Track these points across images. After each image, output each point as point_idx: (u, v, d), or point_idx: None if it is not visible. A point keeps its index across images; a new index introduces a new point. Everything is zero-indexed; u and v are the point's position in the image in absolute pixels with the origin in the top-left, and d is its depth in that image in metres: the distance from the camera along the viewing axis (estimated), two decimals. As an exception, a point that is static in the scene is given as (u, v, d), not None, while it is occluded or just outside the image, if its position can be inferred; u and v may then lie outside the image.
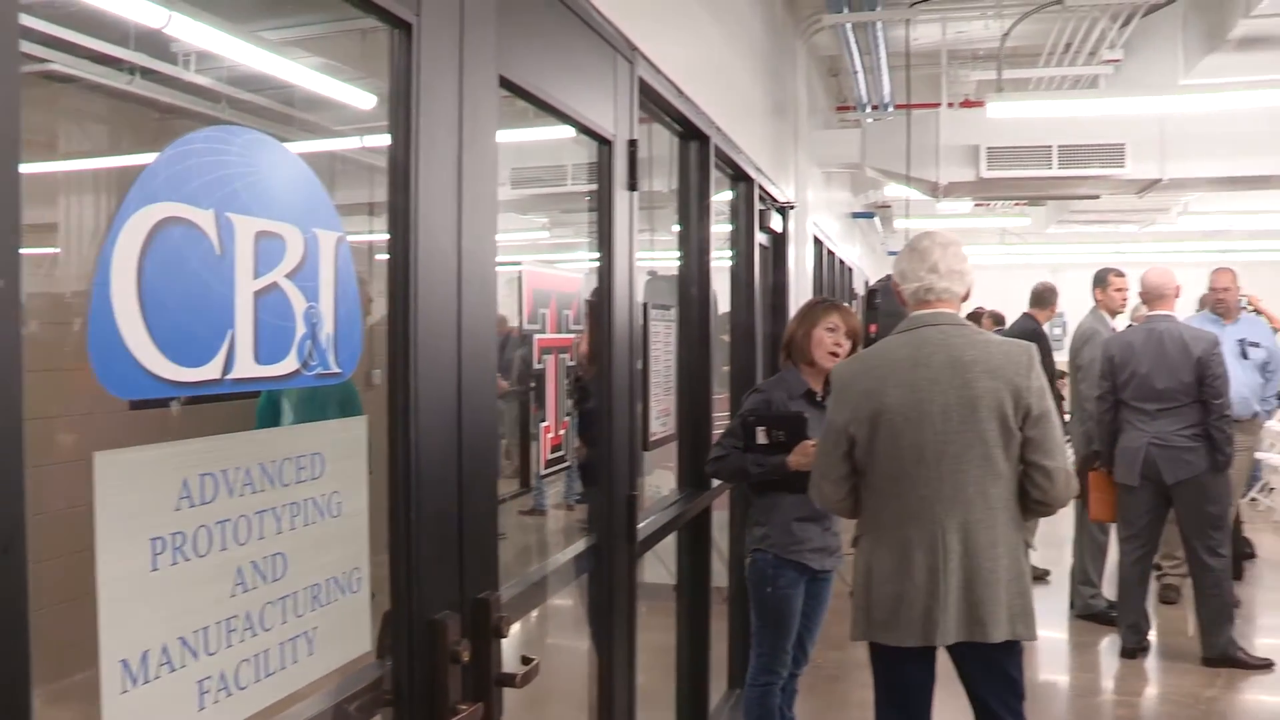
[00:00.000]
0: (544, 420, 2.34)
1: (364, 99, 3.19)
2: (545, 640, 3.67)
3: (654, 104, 3.35)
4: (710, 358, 4.00)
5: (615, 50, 2.76)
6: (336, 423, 1.60)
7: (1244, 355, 6.83)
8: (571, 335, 2.49)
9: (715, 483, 4.06)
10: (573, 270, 2.78)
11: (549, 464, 2.38)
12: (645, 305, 3.17)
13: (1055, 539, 7.40)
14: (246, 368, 1.32)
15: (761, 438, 3.67)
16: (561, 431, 2.44)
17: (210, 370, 1.26)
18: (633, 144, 2.83)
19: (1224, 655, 5.54)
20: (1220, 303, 6.76)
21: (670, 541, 3.86)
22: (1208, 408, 5.46)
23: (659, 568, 4.09)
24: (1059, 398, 6.96)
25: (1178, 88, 7.02)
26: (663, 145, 3.93)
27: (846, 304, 8.59)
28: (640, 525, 3.05)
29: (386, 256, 1.65)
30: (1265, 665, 5.56)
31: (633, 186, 2.83)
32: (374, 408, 1.67)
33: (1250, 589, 7.20)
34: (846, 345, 3.81)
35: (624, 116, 2.80)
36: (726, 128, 4.25)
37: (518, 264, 2.29)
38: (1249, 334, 6.83)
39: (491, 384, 1.92)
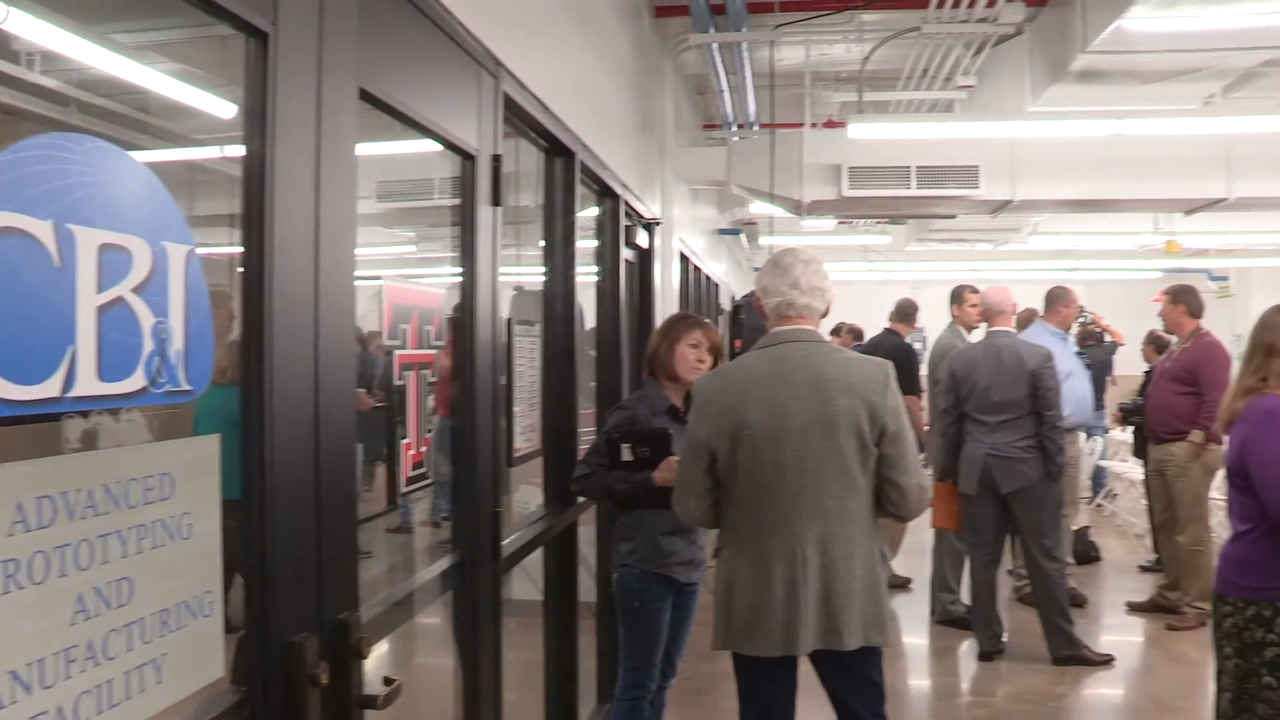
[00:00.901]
0: (405, 437, 2.31)
1: (224, 107, 3.10)
2: (413, 659, 3.61)
3: (519, 119, 3.35)
4: (575, 373, 4.00)
5: (480, 65, 2.75)
6: (186, 441, 1.55)
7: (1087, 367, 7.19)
8: (433, 351, 2.47)
9: (581, 498, 4.07)
10: (439, 285, 2.75)
11: (411, 481, 2.35)
12: (509, 320, 3.16)
13: (917, 548, 7.62)
14: (89, 385, 1.27)
15: (626, 454, 3.69)
16: (423, 448, 2.41)
17: (48, 388, 1.21)
18: (496, 159, 2.82)
19: (1068, 654, 5.79)
20: (1065, 318, 7.07)
21: (538, 557, 3.85)
22: (1040, 419, 5.72)
23: (528, 584, 4.07)
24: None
25: (1026, 114, 7.33)
26: (531, 160, 3.93)
27: (710, 320, 8.71)
28: (505, 541, 3.04)
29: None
30: (1107, 661, 5.83)
31: (496, 202, 2.82)
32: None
33: (1094, 590, 7.54)
34: (709, 360, 3.86)
35: (488, 131, 2.79)
36: (593, 144, 4.27)
37: (378, 278, 2.26)
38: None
39: (350, 400, 1.89)
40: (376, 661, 2.35)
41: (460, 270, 2.71)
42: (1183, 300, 6.72)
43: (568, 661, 4.06)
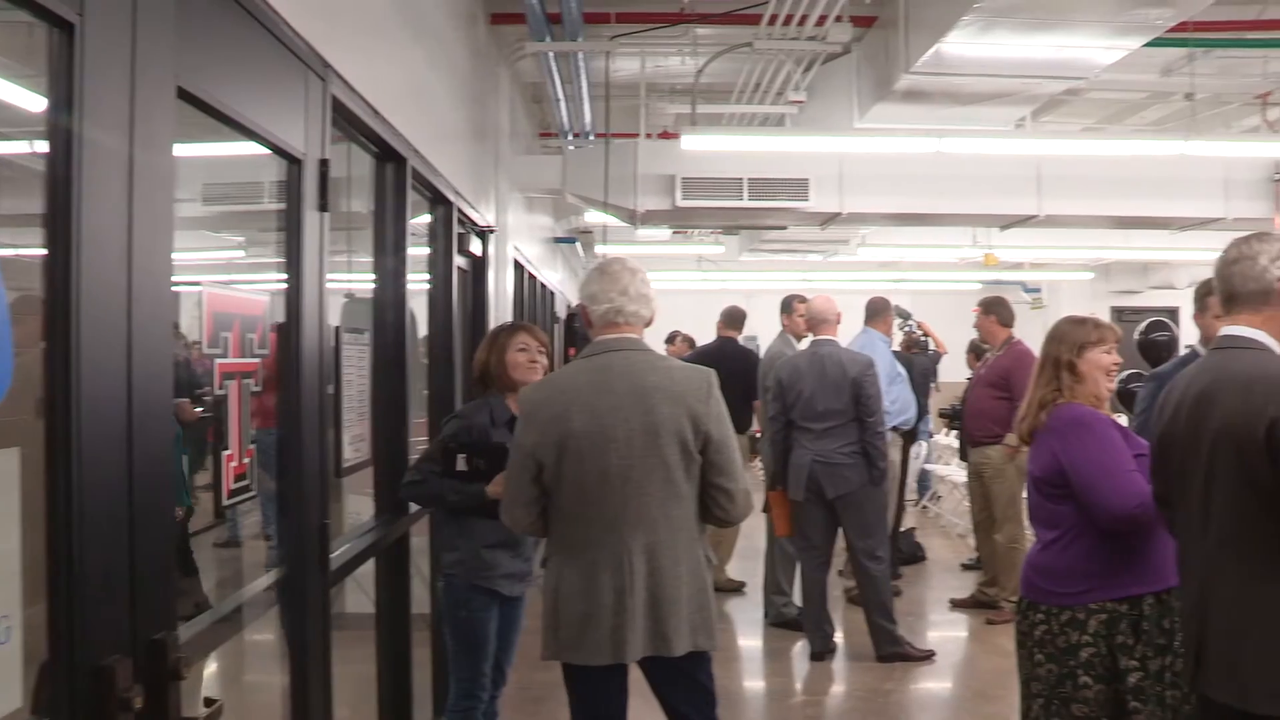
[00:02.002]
0: (227, 448, 2.23)
1: (33, 100, 2.94)
2: (241, 677, 3.48)
3: (349, 124, 3.28)
4: (407, 382, 3.94)
5: (307, 67, 2.68)
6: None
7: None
8: (257, 359, 2.39)
9: (414, 507, 4.00)
10: (266, 291, 2.67)
11: (233, 493, 2.27)
12: (338, 328, 3.09)
13: (750, 552, 7.76)
14: None
15: (462, 465, 3.65)
16: (246, 459, 2.33)
17: None
18: (324, 164, 2.75)
19: (892, 651, 6.00)
20: (890, 326, 7.33)
21: (371, 568, 3.77)
22: (863, 425, 5.92)
23: (362, 596, 3.99)
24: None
25: (853, 130, 7.57)
26: (363, 166, 3.85)
27: (545, 328, 8.68)
28: (334, 553, 2.96)
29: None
30: (929, 656, 6.07)
31: (324, 207, 2.75)
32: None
33: (920, 589, 7.84)
34: (543, 359, 3.86)
35: (315, 135, 2.72)
36: (425, 150, 4.22)
37: (198, 284, 2.18)
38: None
39: (166, 410, 1.81)
40: (206, 680, 2.26)
41: (286, 277, 2.64)
42: (994, 311, 7.07)
43: (401, 674, 3.98)
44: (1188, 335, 14.13)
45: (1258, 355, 2.53)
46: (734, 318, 7.88)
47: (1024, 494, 6.88)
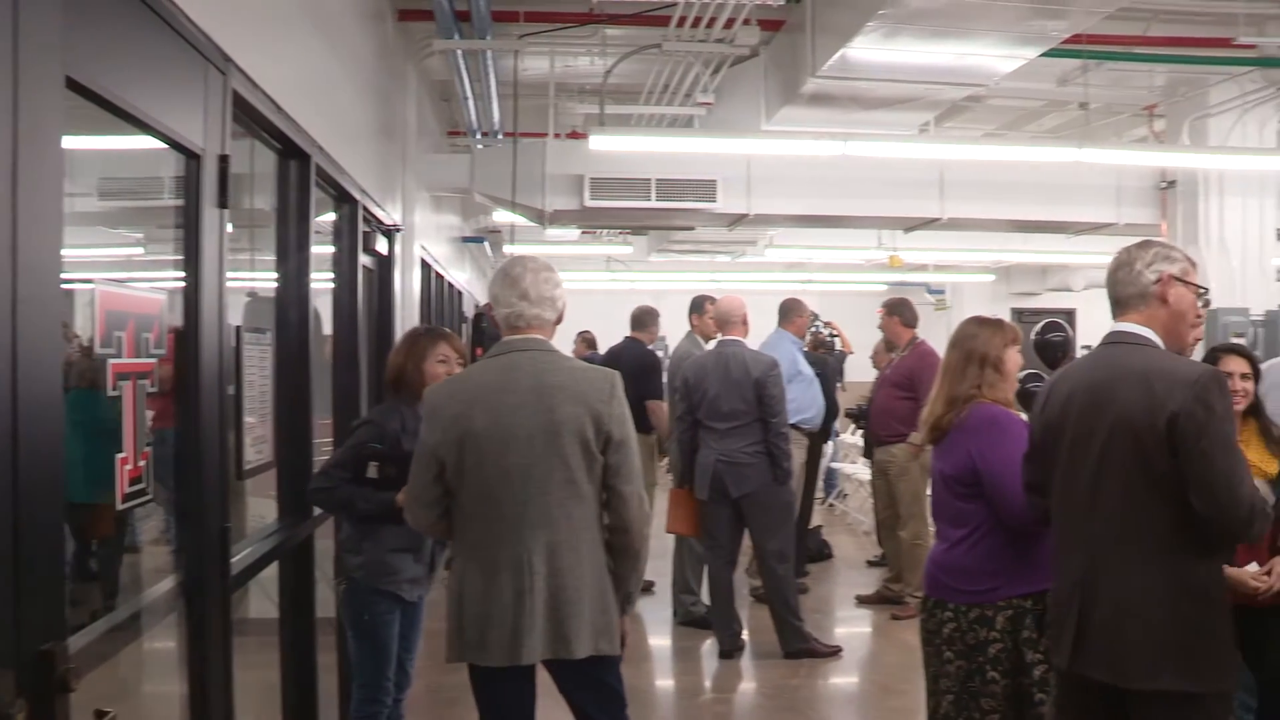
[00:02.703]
0: (121, 451, 2.16)
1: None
2: (140, 687, 3.38)
3: (251, 119, 3.21)
4: (310, 382, 3.87)
5: (206, 60, 2.62)
6: None
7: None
8: (153, 359, 2.32)
9: (318, 511, 3.94)
10: (165, 290, 2.60)
11: (127, 498, 2.20)
12: (239, 328, 3.02)
13: (659, 551, 7.76)
14: None
15: (373, 472, 3.61)
16: (142, 463, 2.26)
17: None
18: (224, 159, 2.69)
19: (799, 647, 6.07)
20: (801, 327, 7.41)
21: (274, 573, 3.70)
22: (766, 426, 5.99)
23: (266, 601, 3.91)
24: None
25: (760, 132, 7.64)
26: (267, 162, 3.78)
27: (453, 327, 8.61)
28: (235, 558, 2.90)
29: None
30: (836, 652, 6.15)
31: (224, 204, 2.69)
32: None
33: (827, 585, 7.95)
34: (459, 371, 3.83)
35: (215, 130, 2.66)
36: (330, 147, 4.15)
37: (89, 282, 2.11)
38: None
39: (56, 413, 1.75)
40: (99, 692, 2.19)
41: (184, 275, 2.57)
42: (897, 312, 7.19)
43: (306, 679, 3.91)
44: (1084, 336, 14.59)
45: (1149, 350, 2.68)
46: (636, 319, 7.90)
47: (928, 491, 7.07)
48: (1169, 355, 2.70)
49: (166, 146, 2.46)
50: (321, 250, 4.47)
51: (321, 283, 4.50)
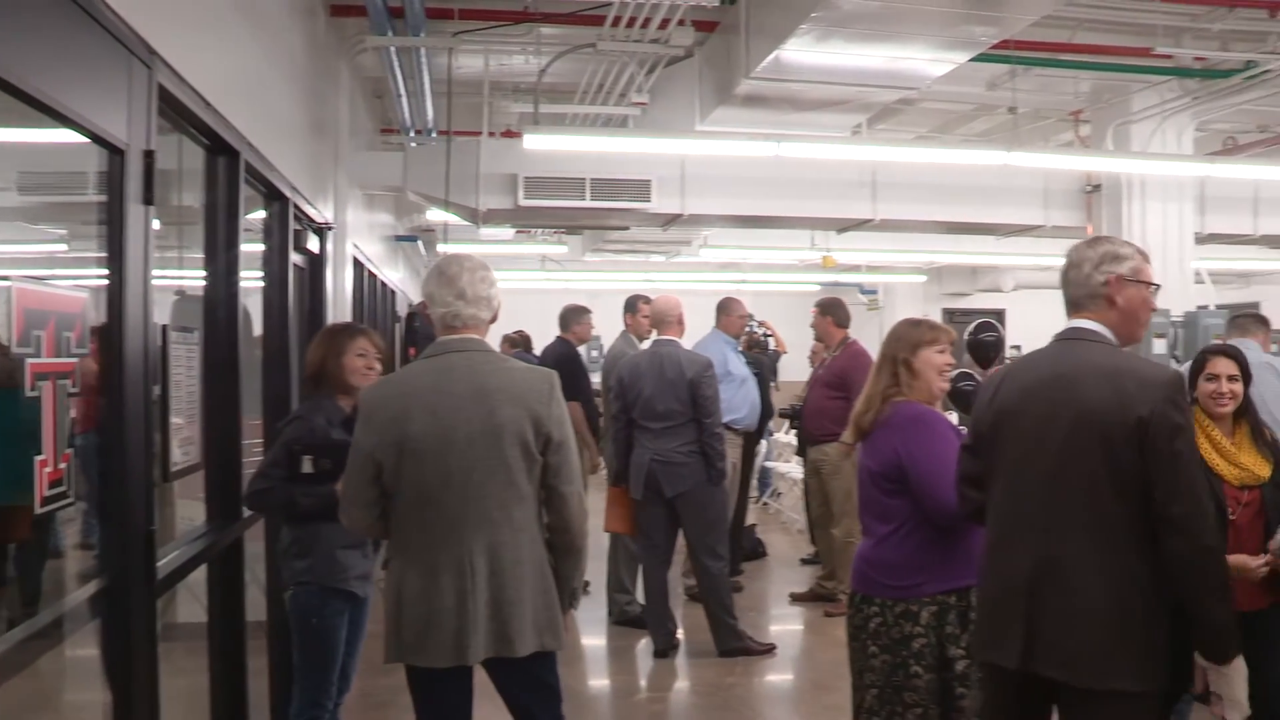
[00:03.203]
0: (40, 453, 2.11)
1: None
2: (61, 696, 3.30)
3: (178, 114, 3.15)
4: (239, 382, 3.81)
5: (130, 53, 2.56)
6: None
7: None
8: (74, 359, 2.27)
9: (248, 512, 3.87)
10: (89, 288, 2.54)
11: (47, 501, 2.15)
12: (165, 327, 2.96)
13: (595, 551, 7.75)
14: None
15: (308, 467, 3.57)
16: (63, 464, 2.21)
17: None
18: (149, 155, 2.64)
19: (733, 646, 6.10)
20: (736, 327, 7.44)
21: (203, 576, 3.63)
22: (701, 426, 6.02)
23: (196, 605, 3.84)
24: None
25: (695, 133, 7.67)
26: (197, 159, 3.71)
27: (387, 327, 8.53)
28: (161, 562, 2.85)
29: None
30: (770, 649, 6.19)
31: (149, 200, 2.64)
32: None
33: (761, 584, 8.00)
34: (379, 366, 3.81)
35: (140, 125, 2.61)
36: (260, 144, 4.09)
37: (5, 279, 2.05)
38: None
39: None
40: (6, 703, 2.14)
41: (108, 272, 2.51)
42: (830, 312, 7.25)
43: (236, 685, 3.84)
44: (1013, 336, 14.86)
45: (1112, 349, 2.69)
46: (561, 319, 7.89)
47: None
48: (1134, 355, 2.73)
49: (88, 140, 2.40)
50: (251, 248, 4.40)
51: (251, 281, 4.44)
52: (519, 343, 11.19)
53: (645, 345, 6.89)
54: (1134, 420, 2.49)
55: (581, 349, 7.85)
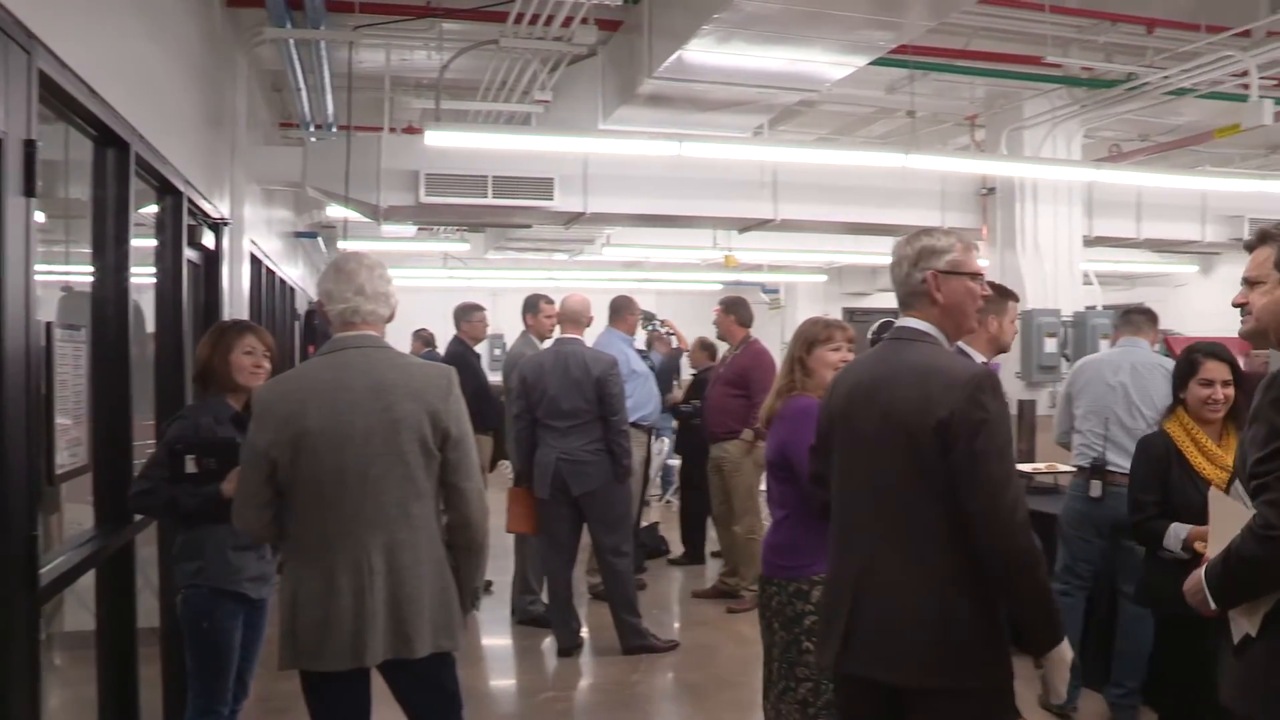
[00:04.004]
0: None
1: None
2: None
3: (61, 103, 3.05)
4: (130, 381, 3.70)
5: (8, 37, 2.47)
6: None
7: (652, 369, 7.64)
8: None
9: (140, 515, 3.77)
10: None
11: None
12: (49, 325, 2.86)
13: (500, 550, 7.72)
14: None
15: (191, 467, 3.46)
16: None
17: None
18: (30, 144, 2.54)
19: (637, 644, 6.13)
20: (631, 325, 7.45)
21: (91, 582, 3.52)
22: (606, 424, 6.03)
23: (85, 613, 3.72)
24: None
25: (598, 131, 7.67)
26: (87, 150, 3.59)
27: (286, 325, 8.37)
28: (46, 568, 2.75)
29: None
30: (673, 646, 6.24)
31: (30, 192, 2.55)
32: None
33: (664, 581, 8.03)
34: (267, 364, 3.74)
35: (19, 112, 2.51)
36: (151, 136, 3.97)
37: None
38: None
39: None
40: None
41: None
42: (733, 311, 7.33)
43: (127, 694, 3.74)
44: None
45: (927, 347, 2.67)
46: (454, 316, 7.87)
47: (762, 486, 7.24)
48: (946, 353, 2.68)
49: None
50: (143, 243, 4.29)
51: (143, 278, 4.32)
52: (430, 340, 11.11)
53: (546, 345, 6.88)
54: (934, 422, 2.48)
55: (482, 347, 7.83)
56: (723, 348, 7.84)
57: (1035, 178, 9.19)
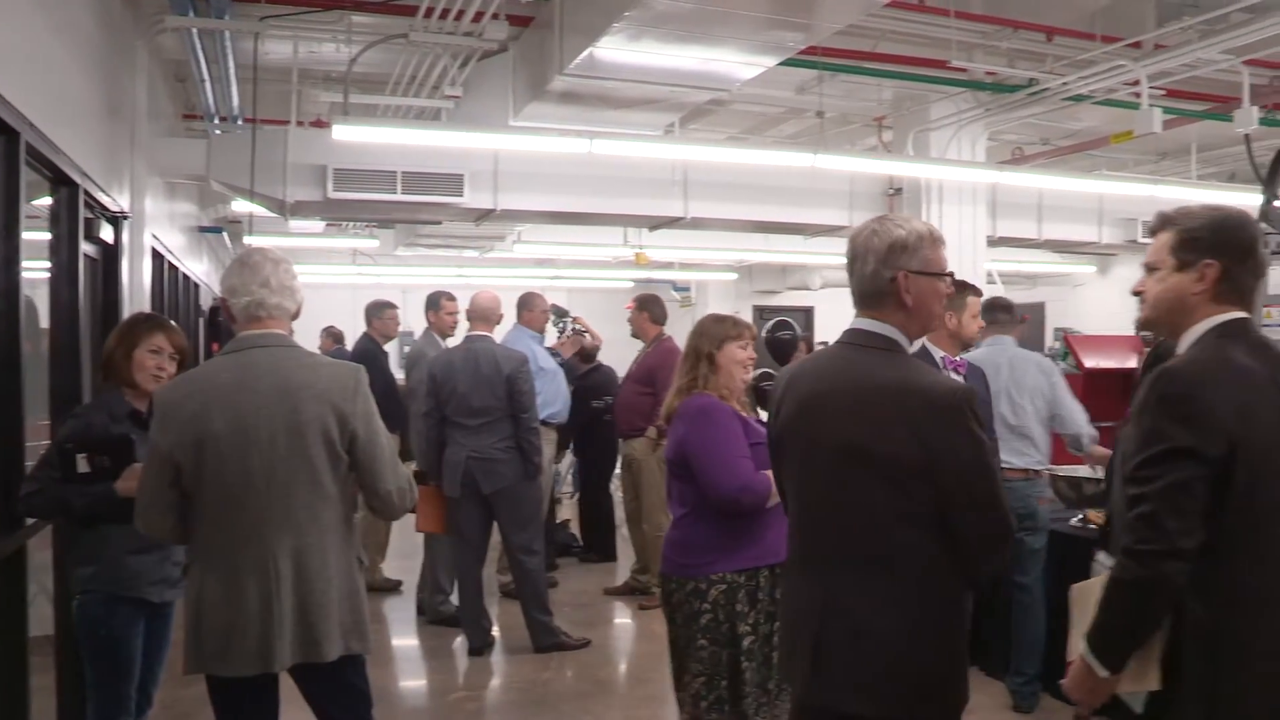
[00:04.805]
0: None
1: None
2: None
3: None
4: (21, 380, 3.58)
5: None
6: None
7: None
8: None
9: (32, 520, 3.65)
10: None
11: None
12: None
13: (408, 550, 7.67)
14: None
15: (83, 465, 3.36)
16: None
17: None
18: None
19: (549, 642, 6.13)
20: (538, 321, 7.42)
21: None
22: (517, 421, 6.02)
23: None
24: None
25: (508, 128, 7.64)
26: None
27: (190, 322, 8.19)
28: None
29: None
30: (585, 644, 6.24)
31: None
32: None
33: (576, 579, 8.03)
34: (172, 367, 3.63)
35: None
36: (44, 124, 3.84)
37: None
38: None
39: None
40: None
41: None
42: (646, 308, 7.35)
43: (18, 706, 3.61)
44: (821, 332, 15.32)
45: (893, 358, 2.46)
46: (365, 313, 7.80)
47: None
48: (917, 367, 2.48)
49: None
50: (36, 236, 4.15)
51: (36, 272, 4.19)
52: (340, 338, 10.96)
53: (449, 343, 6.83)
54: (915, 447, 2.31)
55: (392, 345, 7.75)
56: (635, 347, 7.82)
57: (941, 179, 9.38)
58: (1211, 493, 2.14)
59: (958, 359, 4.54)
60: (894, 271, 2.46)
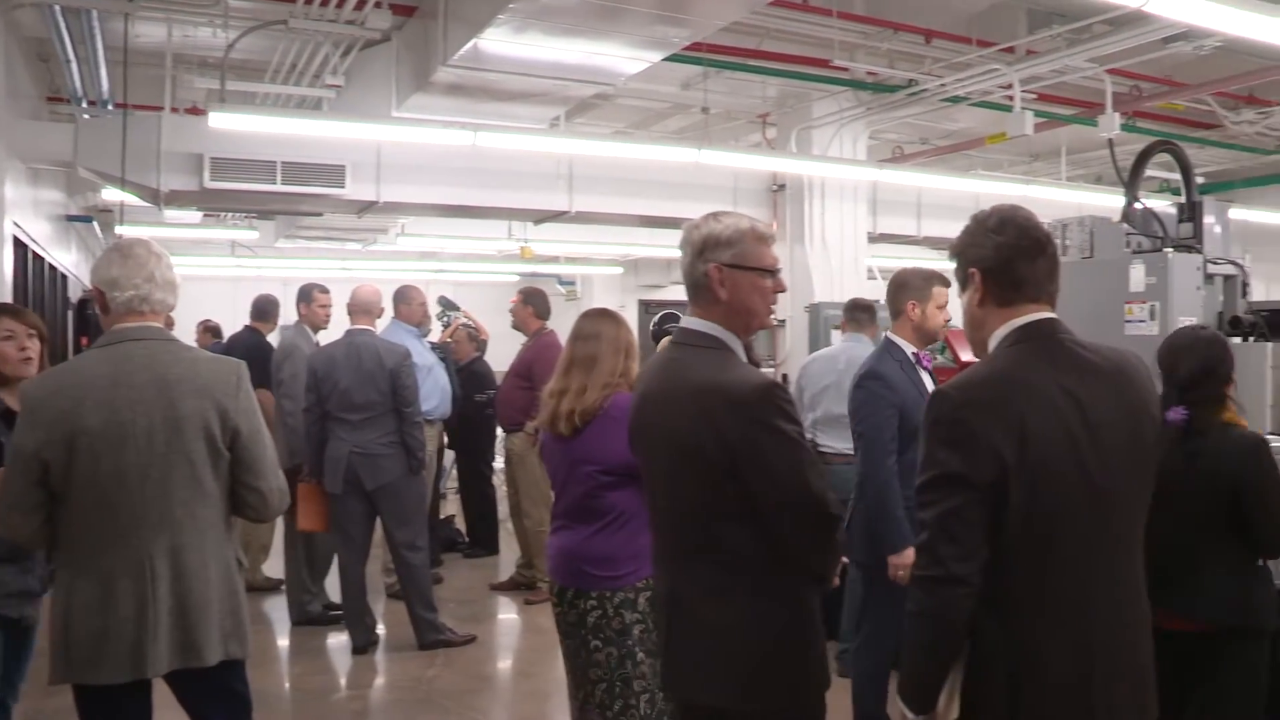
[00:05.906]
0: None
1: None
2: None
3: None
4: None
5: None
6: None
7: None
8: None
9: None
10: None
11: None
12: None
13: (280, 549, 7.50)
14: None
15: None
16: None
17: None
18: None
19: (433, 639, 6.07)
20: (416, 315, 7.32)
21: None
22: (401, 416, 5.95)
23: None
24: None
25: (391, 119, 7.54)
26: None
27: (58, 315, 7.89)
28: None
29: None
30: (470, 639, 6.20)
31: None
32: None
33: (460, 574, 7.97)
34: (36, 347, 3.49)
35: None
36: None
37: None
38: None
39: None
40: None
41: None
42: (531, 302, 7.31)
43: None
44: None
45: (707, 356, 2.44)
46: (260, 310, 7.62)
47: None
48: (727, 365, 2.42)
49: None
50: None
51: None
52: (217, 332, 10.66)
53: (319, 337, 6.69)
54: (720, 446, 2.30)
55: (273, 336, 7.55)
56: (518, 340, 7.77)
57: (823, 176, 9.57)
58: (990, 510, 2.10)
59: (924, 352, 4.28)
60: (707, 265, 2.43)
